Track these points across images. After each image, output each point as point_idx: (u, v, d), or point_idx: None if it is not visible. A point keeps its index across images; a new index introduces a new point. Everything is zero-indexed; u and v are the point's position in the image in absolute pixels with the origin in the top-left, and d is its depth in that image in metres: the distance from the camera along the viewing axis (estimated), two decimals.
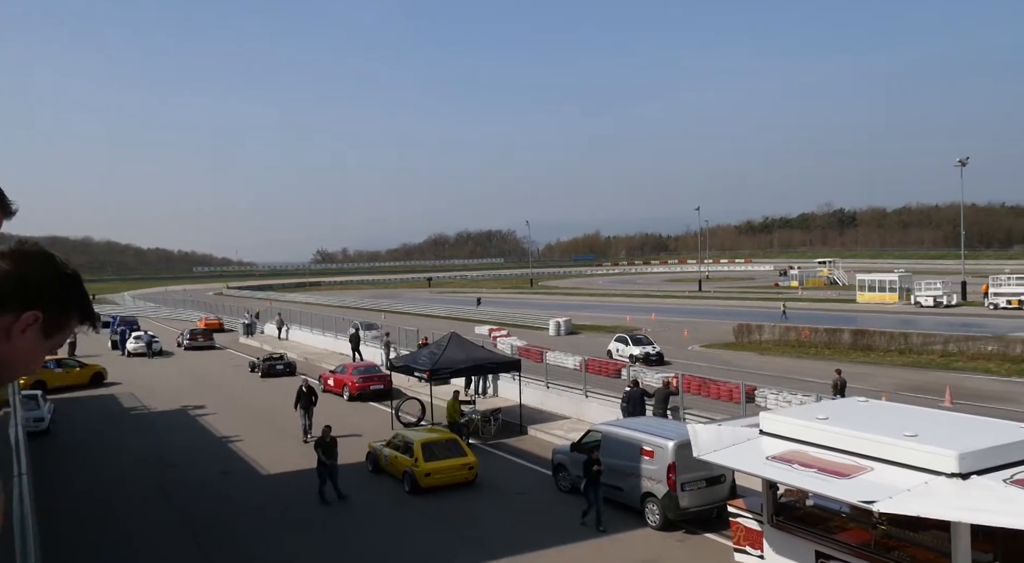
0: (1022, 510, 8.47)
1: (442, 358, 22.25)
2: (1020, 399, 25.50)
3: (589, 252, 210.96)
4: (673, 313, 62.52)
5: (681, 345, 42.31)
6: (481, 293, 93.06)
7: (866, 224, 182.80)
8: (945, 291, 61.04)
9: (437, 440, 18.08)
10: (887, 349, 36.46)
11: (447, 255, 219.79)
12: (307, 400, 22.39)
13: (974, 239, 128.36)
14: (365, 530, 15.16)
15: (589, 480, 14.49)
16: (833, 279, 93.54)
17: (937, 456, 9.27)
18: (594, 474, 14.43)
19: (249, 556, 14.01)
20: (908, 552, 10.21)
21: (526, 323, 56.80)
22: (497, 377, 27.68)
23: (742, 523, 12.75)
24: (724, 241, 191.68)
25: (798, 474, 10.38)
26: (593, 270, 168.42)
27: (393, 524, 15.48)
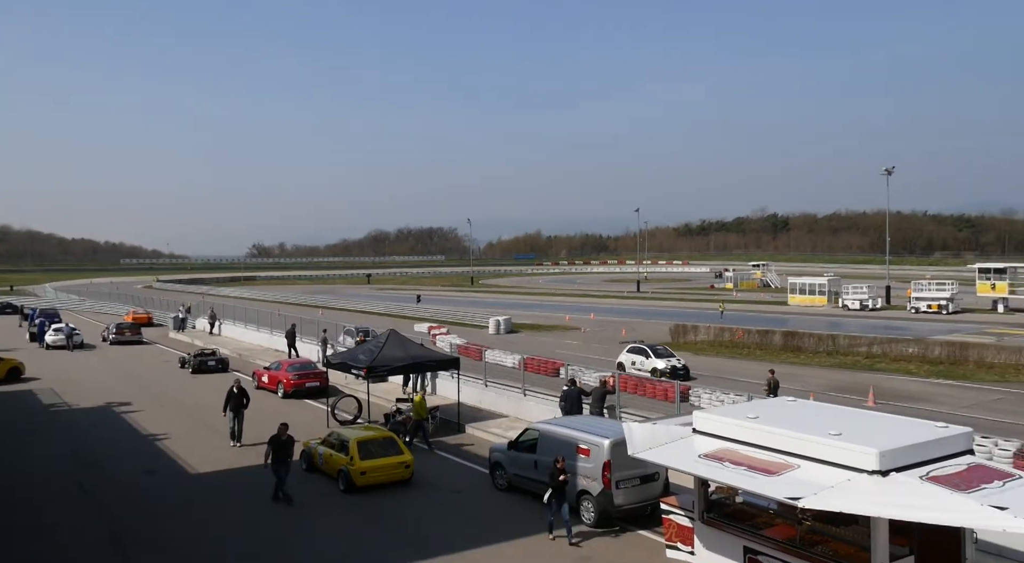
0: (936, 505, 8.84)
1: (380, 355, 22.02)
2: (937, 399, 26.63)
3: (530, 251, 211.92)
4: (612, 313, 63.31)
5: (619, 344, 42.82)
6: (421, 290, 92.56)
7: (798, 229, 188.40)
8: (871, 295, 63.36)
9: (373, 438, 17.88)
10: (816, 350, 37.64)
11: (387, 252, 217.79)
12: (237, 402, 21.23)
13: (898, 245, 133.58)
14: (299, 530, 14.90)
15: (555, 491, 13.95)
16: (766, 282, 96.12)
17: (859, 454, 9.59)
18: (560, 485, 13.94)
19: (175, 558, 13.60)
20: (831, 547, 10.54)
21: (466, 321, 56.72)
22: (436, 375, 27.57)
23: (674, 520, 12.97)
24: (663, 243, 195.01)
25: (728, 471, 10.61)
26: (534, 269, 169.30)
27: (327, 523, 15.26)
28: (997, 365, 32.17)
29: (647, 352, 32.62)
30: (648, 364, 31.74)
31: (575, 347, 41.95)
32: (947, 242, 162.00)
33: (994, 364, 32.33)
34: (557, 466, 14.04)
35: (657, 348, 33.48)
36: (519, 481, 16.79)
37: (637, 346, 33.96)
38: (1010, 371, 31.16)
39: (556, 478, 13.92)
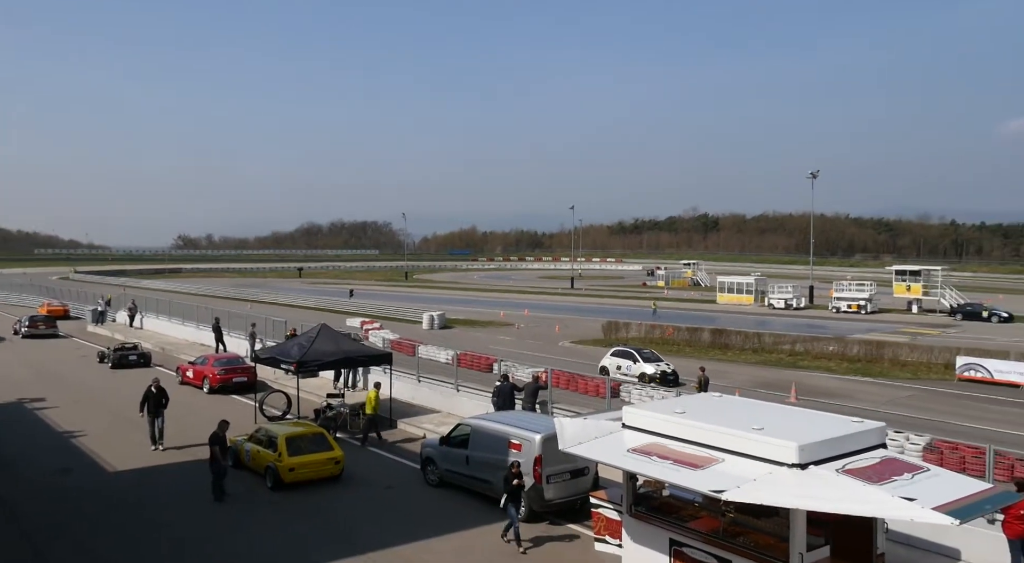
0: (851, 497, 9.21)
1: (311, 350, 21.68)
2: (855, 395, 27.72)
3: (466, 246, 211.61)
4: (546, 309, 63.78)
5: (552, 341, 43.23)
6: (354, 285, 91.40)
7: (728, 229, 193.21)
8: (795, 295, 65.50)
9: (302, 434, 17.60)
10: (742, 348, 38.73)
11: (320, 245, 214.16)
12: (156, 402, 19.85)
13: (821, 247, 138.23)
14: (224, 528, 14.56)
15: (510, 495, 13.58)
16: (696, 280, 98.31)
17: (780, 448, 9.91)
18: (515, 488, 13.59)
19: (94, 560, 13.12)
20: (752, 538, 10.87)
21: (400, 316, 56.31)
22: (368, 370, 27.30)
23: (603, 513, 13.18)
24: (596, 240, 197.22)
25: (655, 465, 10.83)
26: (469, 265, 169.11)
27: (254, 521, 14.95)
28: (910, 363, 33.69)
29: (634, 356, 30.77)
30: (635, 369, 29.90)
31: (509, 343, 42.12)
32: (867, 245, 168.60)
33: (907, 362, 33.85)
34: (512, 471, 13.68)
35: (644, 352, 31.50)
36: (451, 477, 16.79)
37: (623, 349, 32.04)
38: (922, 369, 32.67)
39: (510, 482, 13.58)
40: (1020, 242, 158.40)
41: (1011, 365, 29.90)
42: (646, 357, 30.64)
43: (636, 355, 30.82)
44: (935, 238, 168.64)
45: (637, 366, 30.03)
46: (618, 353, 31.78)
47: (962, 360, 31.02)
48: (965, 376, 30.46)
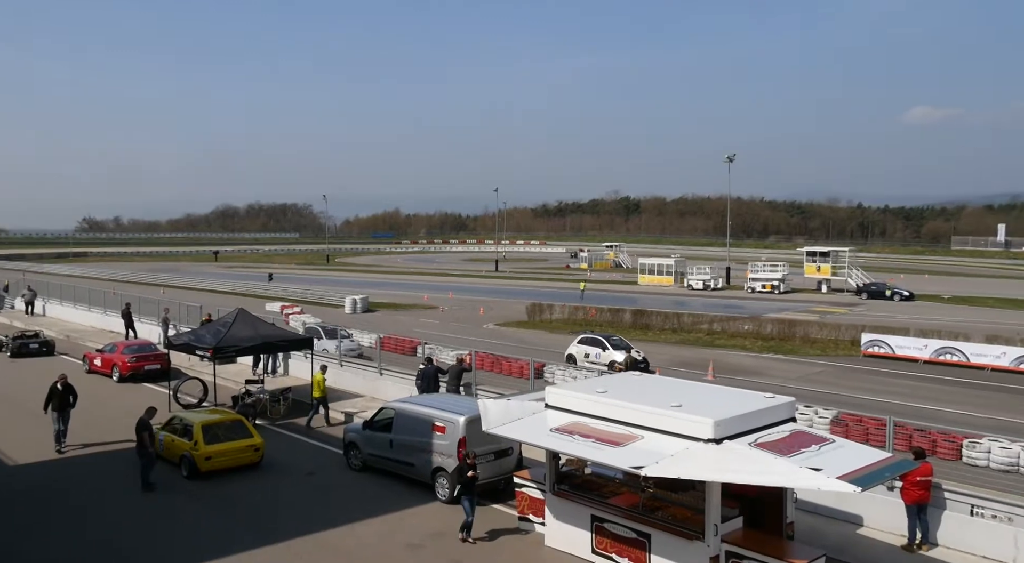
0: (763, 469, 9.58)
1: (227, 335, 21.08)
2: (768, 372, 28.78)
3: (389, 229, 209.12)
4: (470, 292, 63.75)
5: (477, 323, 43.28)
6: (274, 269, 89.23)
7: (649, 212, 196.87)
8: (713, 276, 67.37)
9: (220, 421, 17.14)
10: (663, 328, 39.66)
11: (236, 228, 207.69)
12: (63, 400, 18.33)
13: (738, 229, 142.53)
14: (136, 521, 14.07)
15: (464, 488, 13.02)
16: (618, 262, 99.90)
17: (696, 424, 10.22)
18: (468, 481, 12.92)
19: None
20: (670, 512, 11.20)
21: (321, 300, 55.29)
22: (288, 355, 26.75)
23: (526, 493, 13.34)
24: (520, 222, 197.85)
25: (577, 444, 11.01)
26: (392, 247, 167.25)
27: (170, 512, 14.50)
28: (820, 340, 35.18)
29: (602, 343, 29.37)
30: (605, 357, 28.62)
31: (433, 326, 41.96)
32: (780, 227, 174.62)
33: (817, 340, 35.33)
34: (468, 462, 13.09)
35: (613, 339, 30.12)
36: (374, 461, 16.66)
37: (591, 336, 30.59)
38: (830, 346, 34.16)
39: (464, 473, 12.98)
40: (920, 224, 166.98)
41: (911, 341, 31.57)
42: (615, 344, 29.38)
43: (605, 342, 29.42)
44: (843, 221, 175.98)
45: (606, 354, 28.82)
46: (586, 340, 30.27)
47: (867, 337, 32.56)
48: (869, 352, 32.00)
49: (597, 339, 29.97)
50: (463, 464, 13.22)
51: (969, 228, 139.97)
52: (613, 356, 28.33)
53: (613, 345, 29.18)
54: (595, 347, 29.45)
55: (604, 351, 29.00)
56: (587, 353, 29.41)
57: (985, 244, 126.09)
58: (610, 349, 28.89)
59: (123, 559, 12.52)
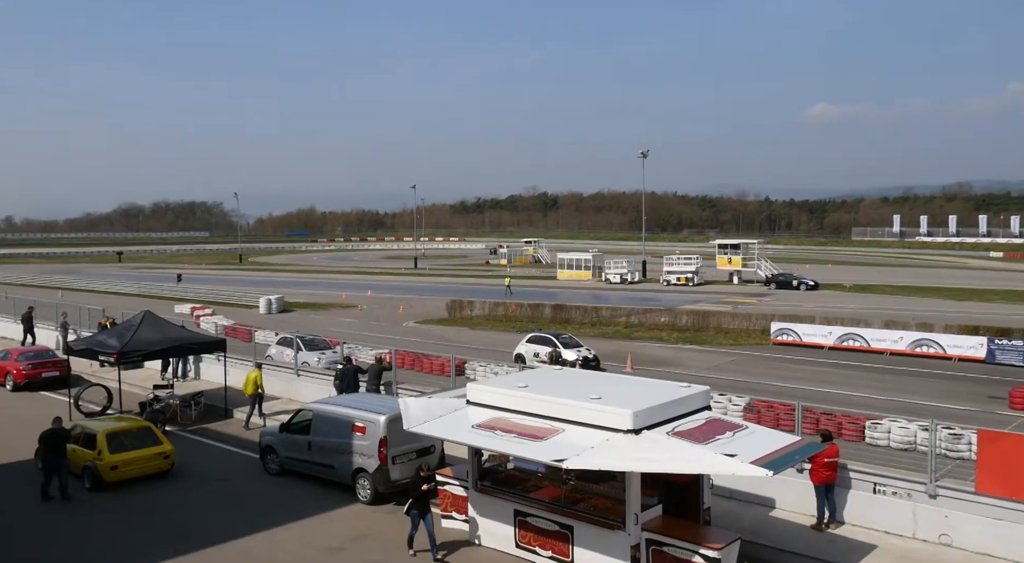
0: (680, 457, 9.79)
1: (133, 339, 20.17)
2: (684, 363, 29.53)
3: (304, 227, 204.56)
4: (389, 290, 63.05)
5: (396, 321, 42.84)
6: (183, 269, 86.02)
7: (566, 207, 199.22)
8: (629, 269, 68.63)
9: (125, 429, 16.40)
10: (582, 321, 40.17)
11: (142, 227, 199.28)
12: None
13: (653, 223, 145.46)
14: (35, 536, 13.30)
15: (416, 501, 12.19)
16: (537, 258, 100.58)
17: (616, 415, 10.36)
18: (423, 495, 12.16)
19: None
20: (592, 503, 11.33)
21: (234, 301, 53.64)
22: (200, 359, 25.84)
23: (449, 490, 13.25)
24: (439, 219, 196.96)
25: (499, 440, 11.01)
26: (308, 246, 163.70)
27: (74, 526, 13.76)
28: (732, 330, 36.32)
29: (552, 342, 28.41)
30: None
31: (352, 325, 41.30)
32: (693, 220, 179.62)
33: (730, 330, 36.47)
34: (420, 474, 12.32)
35: (563, 336, 29.49)
36: (292, 464, 16.27)
37: (540, 335, 29.67)
38: (742, 335, 35.32)
39: (418, 487, 12.20)
40: (823, 217, 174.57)
41: (817, 328, 32.95)
42: (565, 343, 28.57)
43: (555, 341, 28.51)
44: (752, 214, 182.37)
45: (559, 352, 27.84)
46: (535, 339, 29.23)
47: (776, 326, 33.82)
48: (779, 340, 33.24)
49: (547, 337, 29.11)
50: (417, 477, 12.31)
51: (867, 220, 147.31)
52: (564, 354, 27.59)
53: (563, 343, 28.49)
54: (545, 345, 28.52)
55: (554, 350, 28.07)
56: (536, 352, 28.40)
57: (882, 234, 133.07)
58: (560, 347, 28.16)
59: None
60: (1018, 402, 21.55)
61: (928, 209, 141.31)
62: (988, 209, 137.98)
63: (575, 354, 27.68)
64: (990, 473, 11.56)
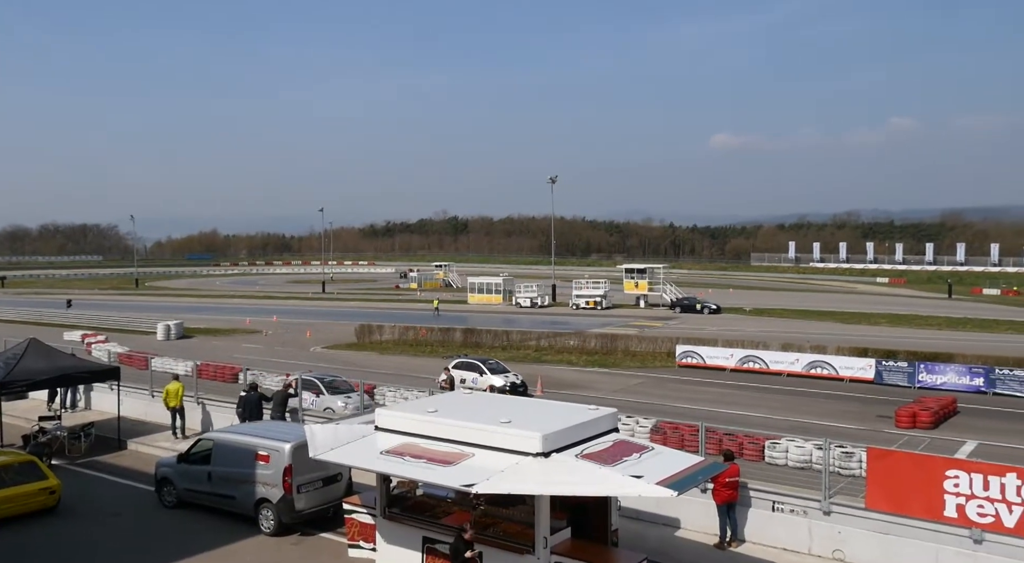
0: (589, 479, 9.90)
1: (17, 368, 18.94)
2: (593, 385, 29.96)
3: (206, 251, 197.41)
4: (296, 315, 61.56)
5: (303, 346, 41.83)
6: (73, 294, 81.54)
7: (476, 231, 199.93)
8: (539, 293, 69.34)
9: (6, 464, 15.33)
10: (492, 345, 40.23)
11: (28, 251, 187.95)
12: None
13: (562, 248, 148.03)
14: None
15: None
16: (448, 282, 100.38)
17: (525, 438, 10.39)
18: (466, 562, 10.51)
19: None
20: (501, 527, 11.29)
21: (130, 327, 51.25)
22: (90, 388, 24.50)
23: (356, 519, 12.95)
24: (348, 243, 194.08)
25: (409, 466, 10.85)
26: (211, 270, 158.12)
27: None
28: (639, 353, 37.13)
29: (479, 367, 28.50)
30: (483, 381, 27.68)
31: (257, 351, 40.04)
32: (601, 245, 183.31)
33: (637, 352, 37.28)
34: (464, 538, 10.45)
35: (490, 362, 29.44)
36: (191, 496, 15.56)
37: (466, 361, 29.58)
38: (649, 358, 36.16)
39: (462, 554, 10.43)
40: (725, 242, 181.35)
41: (719, 351, 34.09)
42: (492, 368, 28.61)
43: (481, 366, 28.59)
44: (657, 239, 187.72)
45: (484, 378, 27.95)
46: (461, 365, 29.11)
47: (681, 348, 34.80)
48: (684, 363, 34.20)
49: (473, 363, 29.04)
50: (459, 543, 10.51)
51: (765, 245, 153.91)
52: (491, 380, 27.56)
53: (491, 369, 28.46)
54: (472, 371, 28.48)
55: (481, 375, 28.17)
56: (463, 378, 28.10)
57: (779, 260, 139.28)
58: (487, 374, 28.17)
59: None
60: (904, 421, 22.84)
61: (820, 236, 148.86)
62: (874, 237, 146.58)
63: (502, 379, 27.69)
64: (879, 489, 12.18)
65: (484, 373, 28.26)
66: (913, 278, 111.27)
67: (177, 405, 20.98)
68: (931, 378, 28.84)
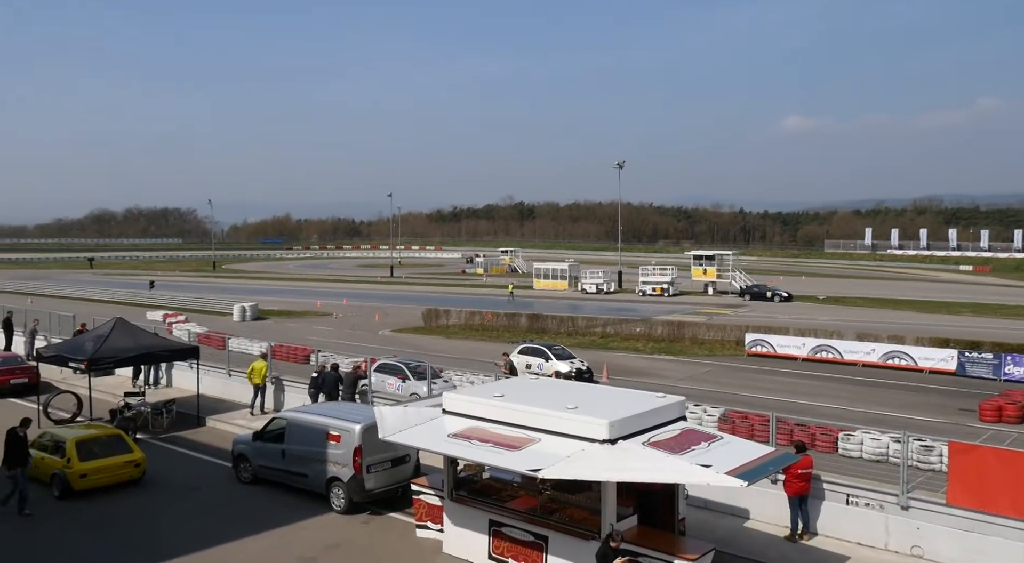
0: (656, 467, 9.82)
1: (104, 346, 19.86)
2: (659, 373, 29.65)
3: (279, 235, 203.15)
4: (365, 298, 62.72)
5: (372, 330, 42.60)
6: (155, 276, 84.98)
7: (543, 217, 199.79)
8: (605, 280, 68.91)
9: (96, 437, 16.13)
10: (558, 331, 40.20)
11: (113, 234, 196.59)
12: None
13: (629, 234, 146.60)
14: (3, 545, 13.00)
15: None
16: (514, 267, 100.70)
17: (592, 425, 10.37)
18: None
19: None
20: (567, 513, 11.32)
21: (207, 308, 53.10)
22: (172, 366, 25.52)
23: (424, 500, 13.18)
24: (415, 228, 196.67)
25: (475, 449, 10.97)
26: (283, 254, 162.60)
27: (42, 536, 13.47)
28: (707, 341, 36.54)
29: (545, 353, 28.42)
30: (548, 367, 27.55)
31: (327, 333, 40.98)
32: (668, 231, 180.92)
33: (705, 340, 36.68)
34: (611, 546, 9.68)
35: (556, 348, 29.33)
36: (265, 473, 16.09)
37: (532, 346, 29.46)
38: (717, 346, 35.55)
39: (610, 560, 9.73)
40: (797, 229, 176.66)
41: (791, 340, 33.26)
42: (558, 354, 28.49)
43: (547, 352, 28.49)
44: (727, 225, 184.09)
45: (549, 364, 27.81)
46: (527, 351, 29.07)
47: (750, 337, 34.09)
48: (753, 351, 33.51)
49: (539, 349, 28.99)
50: (607, 548, 9.70)
51: (839, 232, 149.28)
52: (557, 366, 27.45)
53: (556, 355, 28.37)
54: (537, 357, 28.50)
55: (547, 361, 28.06)
56: (529, 364, 28.13)
57: (854, 247, 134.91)
58: (553, 359, 28.06)
59: None
60: (988, 414, 21.89)
61: (899, 222, 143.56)
62: (958, 223, 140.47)
63: (568, 365, 27.54)
64: (961, 485, 11.72)
65: (550, 359, 28.17)
66: (999, 266, 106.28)
67: (260, 383, 21.68)
68: (1018, 371, 27.54)
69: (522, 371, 27.51)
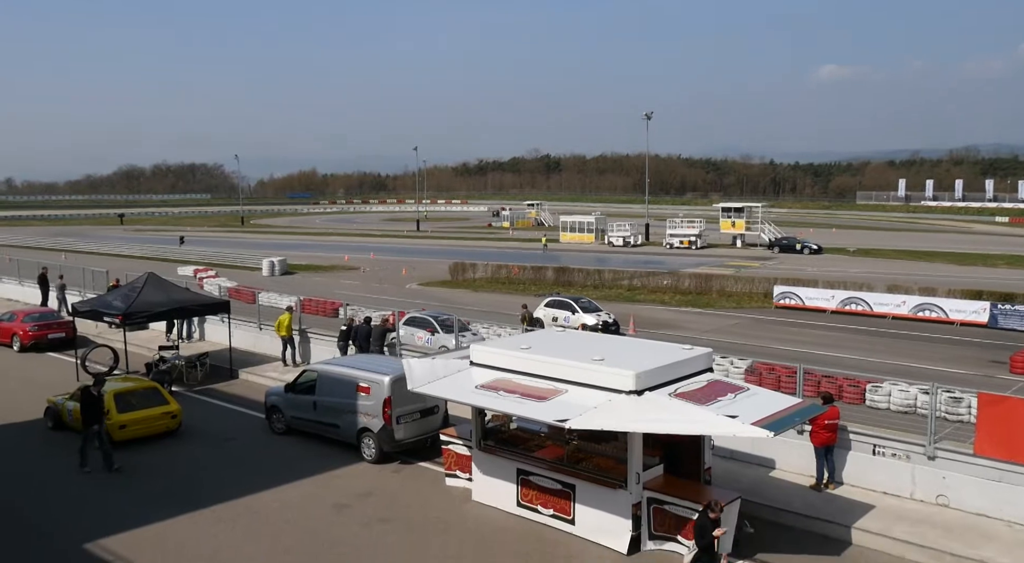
0: (682, 418, 9.88)
1: (138, 300, 20.25)
2: (686, 326, 29.62)
3: (305, 190, 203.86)
4: (392, 252, 63.07)
5: (399, 283, 42.94)
6: (185, 231, 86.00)
7: (569, 170, 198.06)
8: (632, 232, 68.50)
9: (133, 389, 16.56)
10: (584, 284, 40.21)
11: (142, 190, 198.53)
12: None
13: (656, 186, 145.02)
14: (46, 494, 13.53)
15: (704, 552, 9.32)
16: (540, 220, 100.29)
17: (618, 376, 10.43)
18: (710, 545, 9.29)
19: None
20: (594, 462, 11.47)
21: (237, 263, 53.78)
22: (204, 320, 25.99)
23: (453, 450, 13.42)
24: (441, 182, 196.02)
25: (503, 400, 11.11)
26: (310, 208, 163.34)
27: (80, 484, 13.98)
28: (735, 294, 36.35)
29: (572, 306, 28.50)
30: (574, 320, 27.49)
31: (355, 287, 41.40)
32: (696, 183, 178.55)
33: (732, 293, 36.49)
34: (710, 517, 9.25)
35: (582, 301, 29.39)
36: (298, 424, 16.45)
37: (559, 299, 29.58)
38: (745, 298, 35.36)
39: (709, 533, 9.19)
40: (828, 180, 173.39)
41: (819, 292, 32.98)
42: (584, 307, 28.50)
43: (574, 305, 28.57)
44: (756, 177, 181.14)
45: (576, 316, 27.77)
46: (553, 304, 29.22)
47: (779, 289, 33.84)
48: (781, 304, 33.29)
49: (565, 301, 29.11)
50: (705, 519, 9.33)
51: (872, 183, 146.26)
52: (584, 319, 27.48)
53: (583, 308, 28.44)
54: (564, 310, 28.57)
55: (573, 314, 28.09)
56: (555, 316, 28.25)
57: (887, 198, 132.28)
58: (579, 312, 28.10)
59: (44, 535, 12.03)
60: (1019, 367, 21.65)
61: (934, 173, 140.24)
62: (995, 173, 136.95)
63: (595, 318, 27.57)
64: (989, 435, 11.66)
65: (576, 311, 28.21)
66: None
67: (287, 335, 22.01)
68: None
69: (549, 324, 27.62)
